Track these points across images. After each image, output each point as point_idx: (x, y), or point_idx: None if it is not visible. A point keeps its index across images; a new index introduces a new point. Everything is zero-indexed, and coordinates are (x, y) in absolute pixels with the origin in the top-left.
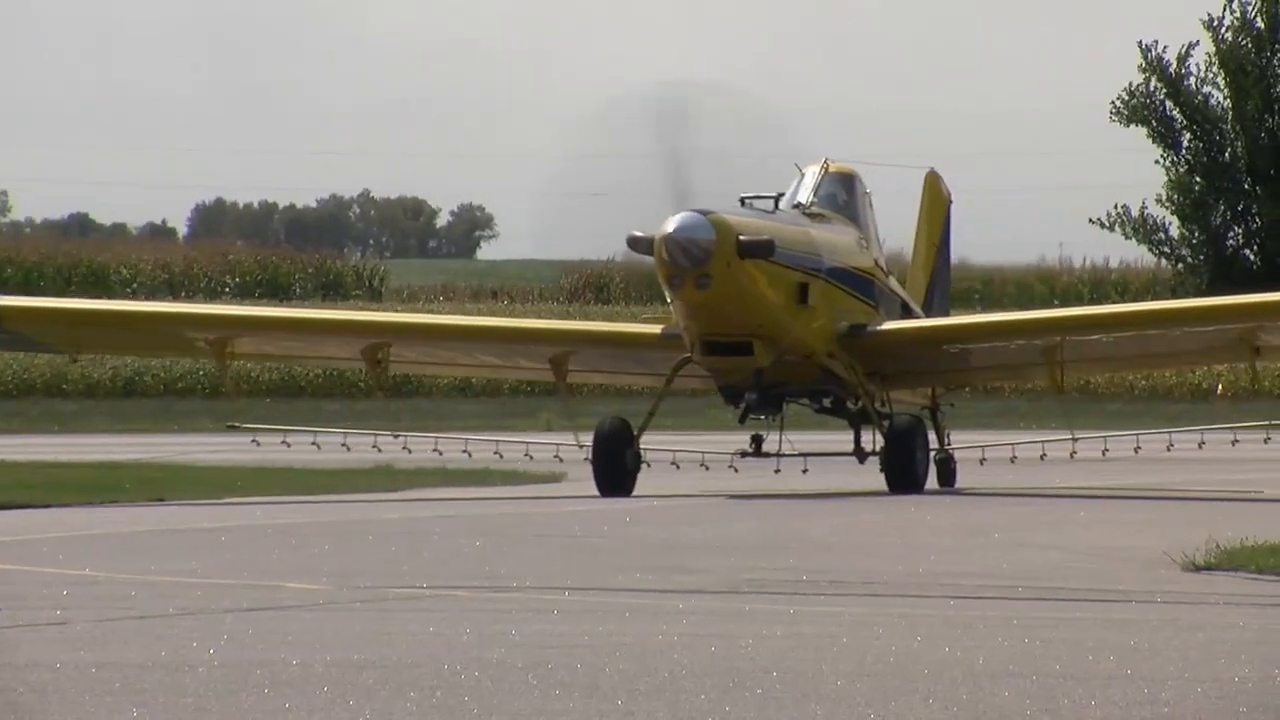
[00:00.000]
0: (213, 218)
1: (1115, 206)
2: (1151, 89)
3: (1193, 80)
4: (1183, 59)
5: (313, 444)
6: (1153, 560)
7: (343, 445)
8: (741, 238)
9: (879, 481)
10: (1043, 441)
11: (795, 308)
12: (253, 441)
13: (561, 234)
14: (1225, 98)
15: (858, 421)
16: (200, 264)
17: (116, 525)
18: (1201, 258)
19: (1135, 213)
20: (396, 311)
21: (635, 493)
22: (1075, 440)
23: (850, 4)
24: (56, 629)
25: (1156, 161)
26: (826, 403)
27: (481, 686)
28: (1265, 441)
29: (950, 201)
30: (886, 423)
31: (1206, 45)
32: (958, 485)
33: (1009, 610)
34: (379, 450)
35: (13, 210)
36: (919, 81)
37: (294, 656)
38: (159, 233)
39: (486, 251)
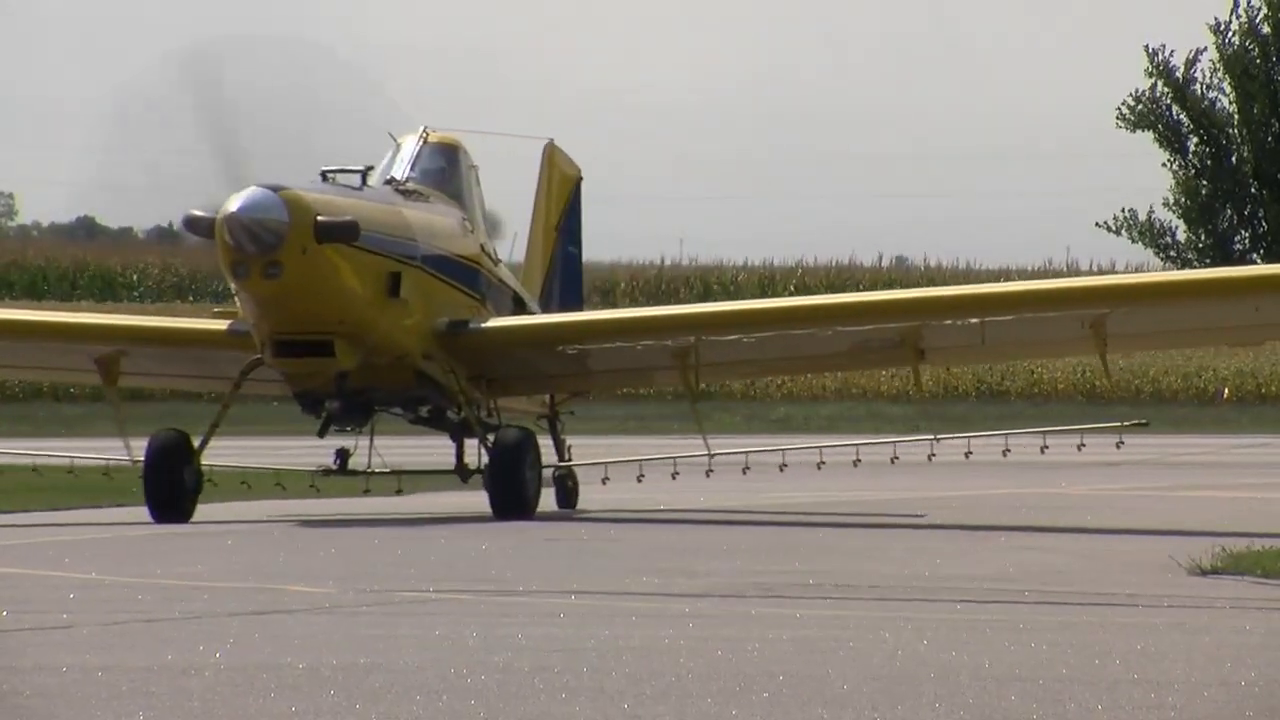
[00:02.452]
0: None
1: (1122, 210)
2: (1158, 94)
3: (1199, 85)
4: (1189, 64)
5: None
6: (1159, 564)
7: None
8: (320, 218)
9: (485, 502)
10: (675, 457)
11: (385, 301)
12: None
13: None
14: (1231, 102)
15: (460, 434)
16: (207, 267)
17: (122, 528)
18: (1208, 261)
19: (1142, 216)
20: None
21: (196, 517)
22: (712, 456)
23: (854, 4)
24: (63, 632)
25: (1163, 165)
26: (424, 412)
27: (487, 690)
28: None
29: (580, 178)
30: (492, 436)
31: (1212, 51)
32: (580, 506)
33: (1015, 614)
34: None
35: (19, 214)
36: (923, 83)
37: (300, 660)
38: (166, 236)
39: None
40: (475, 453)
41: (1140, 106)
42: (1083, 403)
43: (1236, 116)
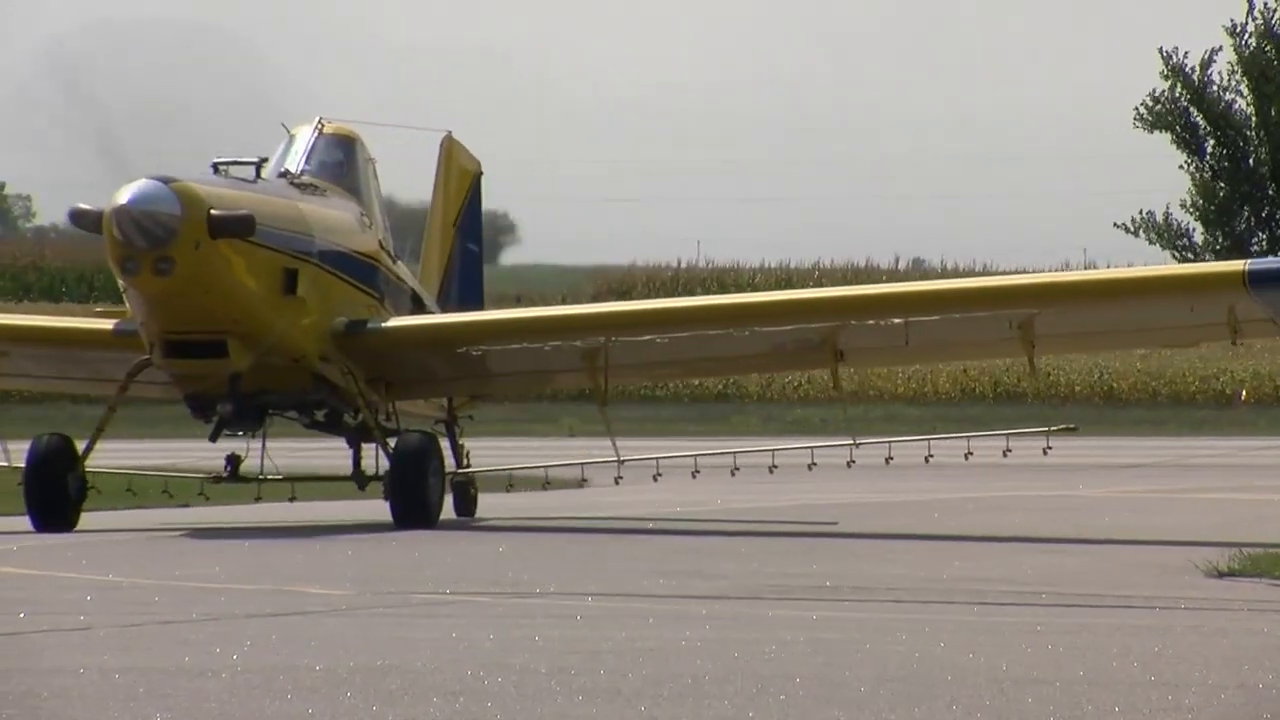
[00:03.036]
0: None
1: (1140, 212)
2: (1175, 95)
3: (1216, 87)
4: (1204, 66)
5: None
6: (1176, 566)
7: None
8: (214, 212)
9: (384, 510)
10: (583, 463)
11: (280, 299)
12: None
13: None
14: (1248, 104)
15: (357, 439)
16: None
17: (139, 530)
18: None
19: (1160, 218)
20: None
21: (80, 525)
22: (622, 463)
23: (866, 6)
24: (80, 634)
25: (1180, 167)
26: (320, 416)
27: (504, 692)
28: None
29: (480, 173)
30: (392, 440)
31: (1229, 52)
32: (479, 514)
33: (1032, 616)
34: None
35: (37, 216)
36: (937, 85)
37: (317, 662)
38: None
39: (509, 257)
40: (373, 458)
41: (1158, 108)
42: (1100, 404)
43: (1254, 118)
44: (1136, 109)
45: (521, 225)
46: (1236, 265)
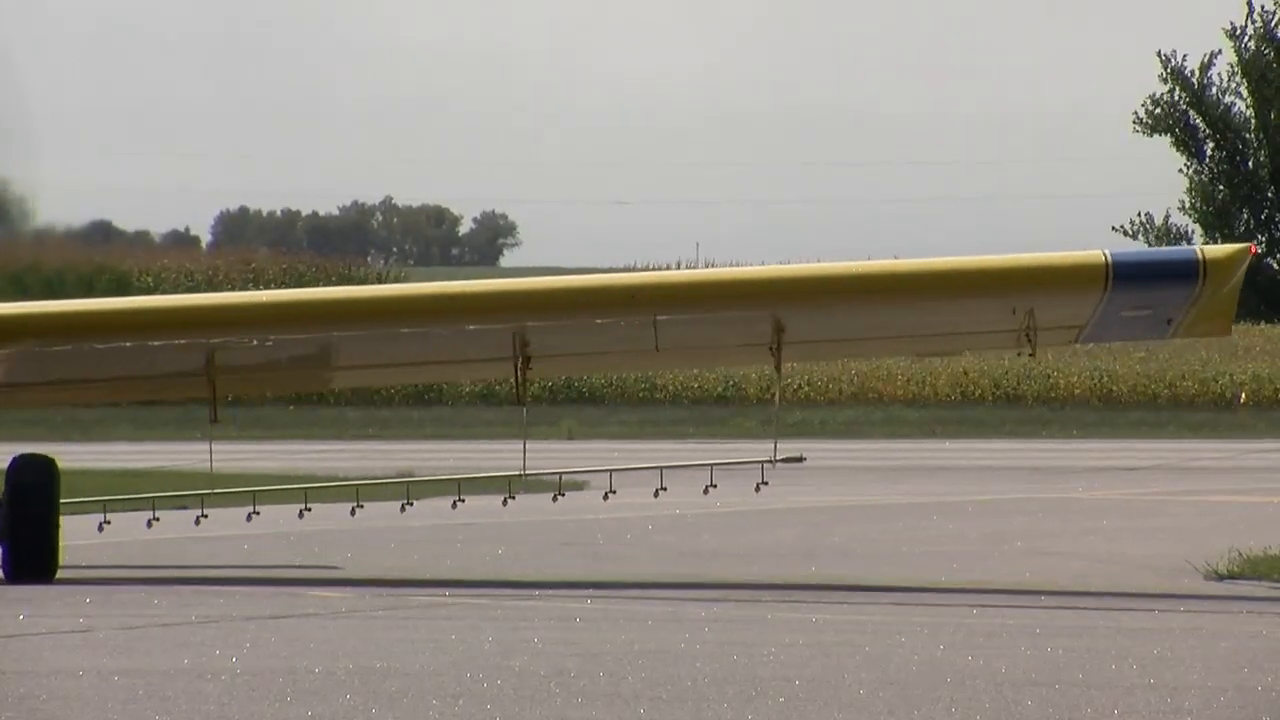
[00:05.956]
0: (236, 225)
1: (1138, 214)
2: (1174, 99)
3: (1215, 90)
4: (1205, 68)
5: None
6: (1175, 569)
7: None
8: None
9: None
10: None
11: None
12: None
13: None
14: (1247, 106)
15: None
16: (224, 271)
17: (139, 533)
18: None
19: (1159, 220)
20: None
21: None
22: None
23: (866, 8)
24: (80, 636)
25: (1180, 170)
26: None
27: (504, 694)
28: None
29: None
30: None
31: (1228, 55)
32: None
33: (1031, 618)
34: None
35: (35, 216)
36: (938, 88)
37: (316, 664)
38: (182, 240)
39: (509, 259)
40: None
41: (1157, 111)
42: (1099, 406)
43: (1253, 121)
44: (1135, 112)
45: (522, 227)
46: (1096, 256)
